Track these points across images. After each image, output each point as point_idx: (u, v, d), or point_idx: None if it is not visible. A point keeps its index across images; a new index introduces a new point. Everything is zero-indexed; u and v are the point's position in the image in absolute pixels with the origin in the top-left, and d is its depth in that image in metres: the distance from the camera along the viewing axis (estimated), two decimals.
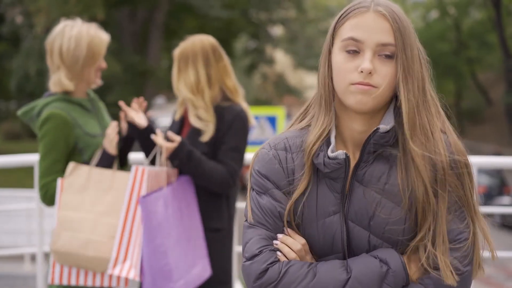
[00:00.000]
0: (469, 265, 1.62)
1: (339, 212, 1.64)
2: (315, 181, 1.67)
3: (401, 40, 1.60)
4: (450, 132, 1.69)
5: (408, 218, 1.61)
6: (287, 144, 1.72)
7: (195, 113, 3.22)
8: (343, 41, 1.62)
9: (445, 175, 1.60)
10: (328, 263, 1.62)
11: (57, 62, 3.17)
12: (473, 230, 1.64)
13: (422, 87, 1.65)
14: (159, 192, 3.05)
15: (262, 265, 1.62)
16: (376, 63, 1.59)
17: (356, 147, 1.69)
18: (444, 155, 1.61)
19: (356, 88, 1.59)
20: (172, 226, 3.05)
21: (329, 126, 1.67)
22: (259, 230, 1.67)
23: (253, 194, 1.71)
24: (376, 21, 1.60)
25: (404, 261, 1.59)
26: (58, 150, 3.09)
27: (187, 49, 3.28)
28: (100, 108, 3.36)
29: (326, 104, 1.68)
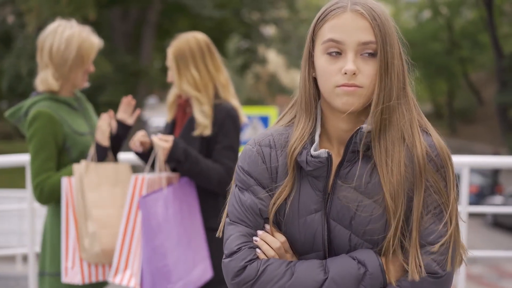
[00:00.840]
0: (449, 268, 1.61)
1: (320, 211, 1.65)
2: (298, 179, 1.68)
3: (381, 37, 1.59)
4: (431, 129, 1.69)
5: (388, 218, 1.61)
6: (271, 140, 1.72)
7: (201, 109, 3.22)
8: (324, 44, 1.62)
9: (422, 169, 1.60)
10: (307, 262, 1.62)
11: (46, 61, 3.19)
12: (453, 230, 1.62)
13: (402, 82, 1.64)
14: (159, 192, 3.05)
15: (240, 263, 1.63)
16: (359, 63, 1.59)
17: (341, 145, 1.69)
18: (421, 149, 1.61)
19: (341, 90, 1.59)
20: (172, 227, 3.05)
21: (311, 129, 1.68)
22: (239, 227, 1.67)
23: (236, 190, 1.72)
24: (354, 20, 1.60)
25: (382, 263, 1.59)
26: (49, 148, 3.08)
27: (184, 48, 3.27)
28: (87, 107, 3.36)
29: (307, 107, 1.69)
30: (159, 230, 2.99)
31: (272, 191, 1.68)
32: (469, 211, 4.24)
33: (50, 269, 3.19)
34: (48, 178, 3.09)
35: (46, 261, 3.22)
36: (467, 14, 36.49)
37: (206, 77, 3.25)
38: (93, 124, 3.33)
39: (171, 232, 3.04)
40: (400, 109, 1.62)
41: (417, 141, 1.61)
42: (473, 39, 34.00)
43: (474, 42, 33.89)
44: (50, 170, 3.10)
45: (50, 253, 3.20)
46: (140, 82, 20.37)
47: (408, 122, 1.63)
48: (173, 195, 3.11)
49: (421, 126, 1.67)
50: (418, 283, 1.58)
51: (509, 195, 18.46)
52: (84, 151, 3.18)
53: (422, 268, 1.57)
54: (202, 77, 3.25)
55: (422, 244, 1.59)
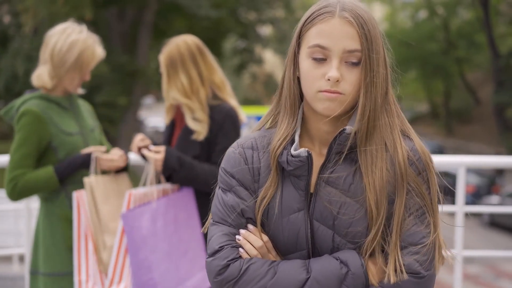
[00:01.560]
0: (431, 269, 1.61)
1: (303, 210, 1.66)
2: (281, 179, 1.69)
3: (367, 45, 1.60)
4: (413, 134, 1.71)
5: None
6: (254, 143, 1.75)
7: (192, 116, 3.21)
8: (310, 48, 1.62)
9: (403, 174, 1.62)
10: (289, 262, 1.63)
11: (46, 57, 3.22)
12: (435, 231, 1.63)
13: (385, 89, 1.66)
14: (146, 206, 3.06)
15: (222, 261, 1.64)
16: (343, 70, 1.60)
17: (323, 145, 1.71)
18: (402, 154, 1.63)
19: (323, 96, 1.60)
20: (160, 240, 3.05)
21: (293, 129, 1.70)
22: (221, 227, 1.69)
23: (219, 191, 1.74)
24: (342, 27, 1.59)
25: (364, 263, 1.60)
26: (30, 145, 3.09)
27: (173, 53, 3.25)
28: (79, 107, 3.36)
29: (291, 107, 1.71)
30: (143, 243, 2.99)
31: (254, 191, 1.70)
32: (465, 211, 4.24)
33: (44, 269, 3.20)
34: (24, 175, 3.09)
35: (39, 261, 3.23)
36: (463, 14, 36.53)
37: (197, 82, 3.23)
38: (84, 124, 3.32)
39: (158, 245, 3.04)
40: (383, 114, 1.64)
41: (398, 147, 1.64)
42: (470, 39, 34.05)
43: (470, 42, 33.94)
44: (27, 167, 3.10)
45: (44, 254, 3.21)
46: (136, 82, 20.39)
47: (390, 128, 1.65)
48: (165, 207, 3.12)
49: (403, 131, 1.70)
50: (401, 283, 1.59)
51: (506, 195, 18.49)
52: (71, 151, 3.19)
53: (402, 270, 1.58)
54: (193, 83, 3.22)
55: (404, 245, 1.60)
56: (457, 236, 4.24)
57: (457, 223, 4.24)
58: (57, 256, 3.18)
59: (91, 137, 3.32)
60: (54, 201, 3.20)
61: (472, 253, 4.43)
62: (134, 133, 22.63)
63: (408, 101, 44.14)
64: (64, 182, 3.18)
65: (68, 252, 3.18)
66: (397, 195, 1.61)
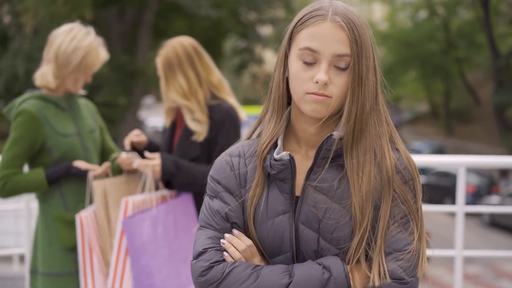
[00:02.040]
0: (415, 275, 1.63)
1: (288, 212, 1.67)
2: (267, 183, 1.71)
3: (357, 50, 1.61)
4: (398, 141, 1.72)
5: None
6: (241, 151, 1.78)
7: (192, 117, 3.21)
8: (300, 50, 1.63)
9: (390, 180, 1.63)
10: (273, 266, 1.65)
11: (51, 57, 3.22)
12: (419, 239, 1.65)
13: (374, 95, 1.66)
14: (146, 213, 3.07)
15: (206, 263, 1.65)
16: (331, 73, 1.61)
17: (309, 147, 1.73)
18: (390, 161, 1.64)
19: (311, 98, 1.61)
20: (161, 246, 3.06)
21: (279, 130, 1.72)
22: (206, 231, 1.70)
23: (206, 198, 1.77)
24: (333, 31, 1.60)
25: (347, 269, 1.61)
26: (22, 145, 3.11)
27: (170, 56, 3.25)
28: (80, 107, 3.36)
29: (279, 107, 1.72)
30: (144, 250, 3.00)
31: (240, 197, 1.72)
32: (466, 211, 4.24)
33: (43, 269, 3.21)
34: (15, 175, 3.12)
35: (38, 261, 3.25)
36: (464, 14, 36.52)
37: (195, 83, 3.23)
38: (83, 125, 3.32)
39: (159, 251, 3.05)
40: (371, 121, 1.65)
41: (386, 153, 1.65)
42: (470, 39, 34.03)
43: (470, 42, 33.93)
44: (18, 166, 3.13)
45: (42, 254, 3.23)
46: (136, 82, 20.39)
47: (379, 134, 1.66)
48: (165, 213, 3.12)
49: (391, 139, 1.71)
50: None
51: (506, 195, 18.49)
52: (67, 152, 3.19)
53: (386, 275, 1.59)
54: (191, 84, 3.22)
55: (389, 251, 1.62)
56: (457, 236, 4.24)
57: (457, 223, 4.24)
58: (53, 256, 3.20)
59: (90, 138, 3.32)
60: (49, 202, 3.22)
61: (472, 253, 4.43)
62: None
63: (408, 101, 44.16)
64: (58, 182, 3.20)
65: (63, 253, 3.19)
66: (383, 201, 1.63)
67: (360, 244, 1.61)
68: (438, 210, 4.78)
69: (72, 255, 3.20)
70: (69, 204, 3.22)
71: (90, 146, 3.31)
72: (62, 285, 3.18)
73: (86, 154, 3.28)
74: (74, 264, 3.20)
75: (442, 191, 20.97)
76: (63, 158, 3.19)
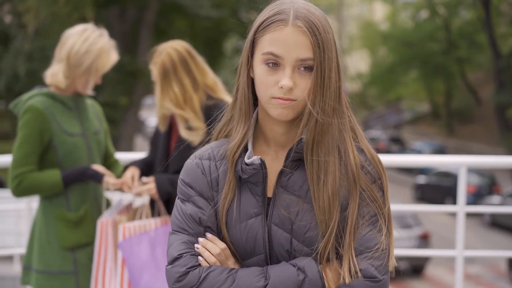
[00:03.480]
0: (386, 273, 1.65)
1: (261, 214, 1.69)
2: (239, 186, 1.72)
3: (319, 54, 1.61)
4: (362, 139, 1.74)
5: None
6: (211, 153, 1.78)
7: (186, 126, 3.20)
8: (264, 55, 1.64)
9: (356, 178, 1.65)
10: (248, 269, 1.66)
11: (62, 56, 3.23)
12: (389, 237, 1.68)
13: (338, 96, 1.67)
14: (143, 235, 3.08)
15: (182, 268, 1.65)
16: (295, 77, 1.62)
17: (279, 147, 1.74)
18: (354, 159, 1.66)
19: (277, 102, 1.63)
20: (161, 266, 3.07)
21: (248, 133, 1.73)
22: (180, 235, 1.71)
23: (178, 202, 1.76)
24: (295, 36, 1.61)
25: (321, 269, 1.63)
26: (33, 142, 3.11)
27: (165, 63, 3.22)
28: (86, 108, 3.37)
29: (245, 111, 1.73)
30: (143, 269, 3.02)
31: (212, 200, 1.73)
32: (467, 211, 4.24)
33: (38, 266, 3.22)
34: (30, 172, 3.12)
35: (33, 257, 3.26)
36: (465, 14, 36.49)
37: (190, 90, 3.21)
38: (88, 126, 3.33)
39: (160, 271, 3.05)
40: (334, 121, 1.66)
41: (350, 152, 1.67)
42: (471, 39, 34.00)
43: (471, 42, 33.89)
44: (32, 164, 3.13)
45: (38, 251, 3.24)
46: (137, 82, 20.37)
47: (342, 134, 1.68)
48: (164, 235, 3.13)
49: (355, 139, 1.72)
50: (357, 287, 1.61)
51: (507, 195, 18.47)
52: (71, 151, 3.20)
53: (357, 272, 1.61)
54: (186, 91, 3.20)
55: (360, 250, 1.64)
56: (458, 236, 4.24)
57: (458, 223, 4.23)
58: (51, 254, 3.20)
59: (94, 139, 3.33)
60: (52, 201, 3.22)
61: (473, 253, 4.43)
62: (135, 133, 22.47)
63: (409, 101, 44.12)
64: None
65: (61, 252, 3.20)
66: (351, 199, 1.65)
67: (329, 242, 1.63)
68: (439, 210, 4.78)
69: (71, 254, 3.20)
70: (72, 204, 3.22)
71: (93, 147, 3.31)
72: (57, 284, 3.19)
73: (90, 155, 3.29)
74: (72, 264, 3.20)
75: (443, 191, 20.97)
76: (67, 157, 3.19)
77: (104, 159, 3.52)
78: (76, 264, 3.20)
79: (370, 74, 44.05)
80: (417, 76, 38.71)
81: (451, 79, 36.33)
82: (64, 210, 3.21)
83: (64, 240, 3.19)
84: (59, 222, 3.19)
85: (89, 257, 3.24)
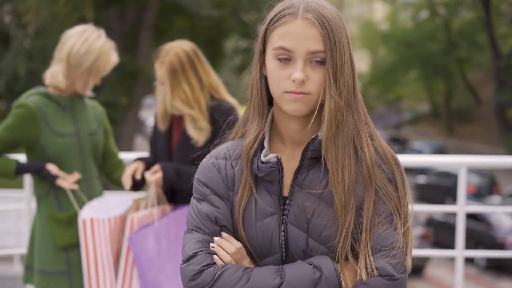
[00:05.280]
0: (404, 272, 1.63)
1: (277, 213, 1.68)
2: (255, 185, 1.71)
3: (330, 46, 1.60)
4: (376, 135, 1.72)
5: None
6: (227, 153, 1.77)
7: (195, 126, 3.20)
8: (274, 50, 1.63)
9: (371, 173, 1.64)
10: (263, 268, 1.65)
11: (62, 57, 3.24)
12: (407, 235, 1.66)
13: (352, 89, 1.65)
14: (150, 227, 3.07)
15: (197, 267, 1.64)
16: (307, 70, 1.61)
17: (294, 145, 1.73)
18: (369, 154, 1.65)
19: (290, 97, 1.61)
20: (166, 259, 3.07)
21: (263, 131, 1.72)
22: (195, 234, 1.70)
23: (193, 201, 1.75)
24: (305, 29, 1.60)
25: (337, 268, 1.62)
26: (10, 133, 3.16)
27: (174, 63, 3.21)
28: (85, 108, 3.38)
29: (259, 109, 1.73)
30: (150, 264, 3.01)
31: (228, 200, 1.72)
32: (466, 211, 4.25)
33: (37, 266, 3.25)
34: None
35: (35, 257, 3.28)
36: (465, 14, 36.53)
37: (198, 90, 3.21)
38: (83, 127, 3.33)
39: (165, 264, 3.05)
40: (349, 115, 1.64)
41: (365, 147, 1.65)
42: (471, 39, 34.04)
43: (471, 42, 33.93)
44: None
45: (38, 250, 3.26)
46: (137, 82, 20.38)
47: (357, 128, 1.66)
48: (166, 226, 3.13)
49: (370, 134, 1.71)
50: (374, 286, 1.60)
51: (507, 195, 18.48)
52: (61, 152, 3.22)
53: (373, 269, 1.60)
54: (194, 91, 3.20)
55: (377, 248, 1.62)
56: (458, 236, 4.24)
57: (458, 223, 4.24)
58: (47, 254, 3.22)
59: (89, 140, 3.32)
60: (43, 200, 3.25)
61: (473, 253, 4.43)
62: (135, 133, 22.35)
63: (409, 101, 44.15)
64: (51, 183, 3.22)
65: (55, 252, 3.21)
66: (366, 195, 1.64)
67: (346, 240, 1.62)
68: (439, 210, 4.78)
69: (64, 254, 3.21)
70: (63, 204, 3.23)
71: (87, 148, 3.31)
72: (53, 284, 3.21)
73: (82, 155, 3.29)
74: (65, 264, 3.21)
75: (443, 191, 20.96)
76: (58, 157, 3.21)
77: (107, 159, 3.53)
78: (69, 264, 3.21)
79: (370, 74, 44.07)
80: (417, 76, 38.74)
81: (451, 79, 36.36)
82: (55, 209, 3.23)
83: (57, 240, 3.20)
84: (51, 221, 3.21)
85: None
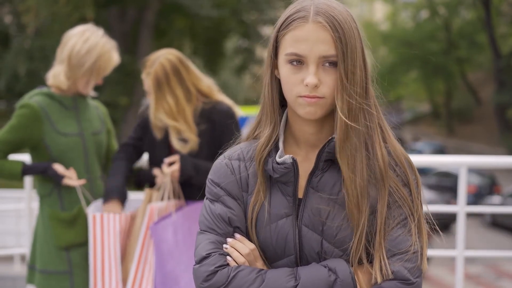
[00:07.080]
0: (420, 276, 1.62)
1: (291, 215, 1.67)
2: (269, 186, 1.70)
3: (342, 49, 1.58)
4: (390, 137, 1.70)
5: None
6: (241, 154, 1.76)
7: (179, 137, 3.20)
8: (286, 56, 1.62)
9: (384, 175, 1.63)
10: (278, 270, 1.63)
11: (64, 58, 3.25)
12: (422, 238, 1.65)
13: (364, 91, 1.64)
14: (168, 219, 3.09)
15: (210, 268, 1.63)
16: (320, 74, 1.59)
17: (309, 147, 1.72)
18: (382, 156, 1.63)
19: (303, 101, 1.60)
20: (182, 252, 3.08)
21: (275, 134, 1.71)
22: (208, 235, 1.69)
23: (206, 202, 1.74)
24: (316, 32, 1.59)
25: (352, 271, 1.60)
26: (14, 134, 3.16)
27: (158, 73, 3.21)
28: (88, 108, 3.38)
29: (271, 112, 1.72)
30: (170, 256, 3.03)
31: (242, 201, 1.71)
32: (467, 211, 4.24)
33: (39, 266, 3.25)
34: None
35: (37, 257, 3.29)
36: (465, 14, 36.52)
37: (183, 100, 3.20)
38: (87, 127, 3.33)
39: (182, 257, 3.07)
40: (361, 117, 1.63)
41: (378, 149, 1.64)
42: (471, 39, 34.03)
43: (471, 42, 33.92)
44: (1, 151, 3.18)
45: (40, 250, 3.26)
46: (137, 82, 20.36)
47: (370, 129, 1.64)
48: (182, 219, 3.14)
49: (383, 137, 1.69)
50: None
51: (508, 195, 18.47)
52: (65, 151, 3.22)
53: (388, 271, 1.59)
54: (179, 102, 3.20)
55: (392, 252, 1.61)
56: (458, 236, 4.23)
57: (458, 223, 4.23)
58: (49, 254, 3.23)
59: (92, 140, 3.33)
60: (46, 200, 3.26)
61: (473, 253, 4.43)
62: None
63: (409, 101, 44.15)
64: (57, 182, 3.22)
65: (57, 252, 3.22)
66: (379, 197, 1.62)
67: (360, 242, 1.61)
68: (439, 210, 4.78)
69: (66, 254, 3.21)
70: (66, 203, 3.23)
71: (91, 147, 3.31)
72: (54, 284, 3.21)
73: (86, 155, 3.29)
74: (67, 264, 3.21)
75: (443, 191, 20.97)
76: (62, 156, 3.21)
77: (110, 159, 3.53)
78: (70, 265, 3.21)
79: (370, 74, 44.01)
80: (417, 76, 38.73)
81: (451, 79, 36.36)
82: (58, 209, 3.23)
83: (59, 240, 3.20)
84: (53, 221, 3.21)
85: (84, 257, 3.24)
